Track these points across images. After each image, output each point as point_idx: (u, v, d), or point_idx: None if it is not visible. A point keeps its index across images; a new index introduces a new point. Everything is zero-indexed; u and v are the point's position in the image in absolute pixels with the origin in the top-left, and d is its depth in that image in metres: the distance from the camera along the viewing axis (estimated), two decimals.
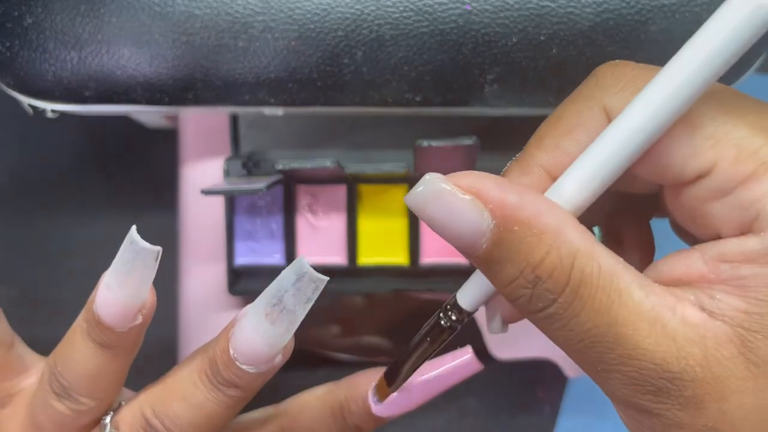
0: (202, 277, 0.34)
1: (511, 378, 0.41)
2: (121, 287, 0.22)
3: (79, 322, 0.23)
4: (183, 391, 0.23)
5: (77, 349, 0.23)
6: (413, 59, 0.27)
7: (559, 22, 0.26)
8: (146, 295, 0.23)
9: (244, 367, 0.22)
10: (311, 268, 0.21)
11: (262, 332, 0.22)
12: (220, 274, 0.33)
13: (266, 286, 0.33)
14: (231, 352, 0.22)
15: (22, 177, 0.40)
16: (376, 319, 0.41)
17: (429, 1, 0.26)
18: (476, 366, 0.25)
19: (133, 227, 0.21)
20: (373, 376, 0.25)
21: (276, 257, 0.32)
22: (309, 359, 0.41)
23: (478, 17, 0.26)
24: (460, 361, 0.25)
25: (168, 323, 0.38)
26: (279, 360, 0.23)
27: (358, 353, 0.41)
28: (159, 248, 0.22)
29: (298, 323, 0.22)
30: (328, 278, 0.21)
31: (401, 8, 0.26)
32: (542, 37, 0.27)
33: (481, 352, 0.26)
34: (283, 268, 0.32)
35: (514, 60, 0.27)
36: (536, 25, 0.26)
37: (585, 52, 0.27)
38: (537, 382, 0.40)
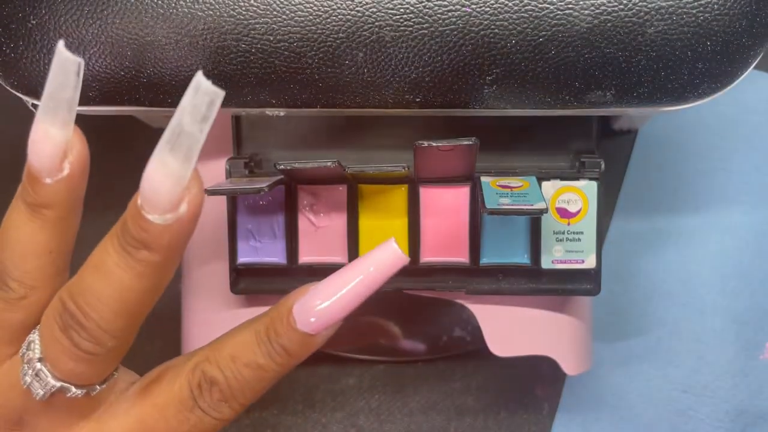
0: (205, 277, 0.35)
1: (510, 376, 0.41)
2: (47, 116, 0.21)
3: (18, 190, 0.22)
4: (95, 261, 0.22)
5: (10, 220, 0.22)
6: (413, 61, 0.27)
7: (558, 24, 0.27)
8: (71, 131, 0.22)
9: (149, 217, 0.20)
10: (207, 81, 0.19)
11: (161, 164, 0.20)
12: (222, 273, 0.34)
13: (268, 286, 0.33)
14: (138, 201, 0.21)
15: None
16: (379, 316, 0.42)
17: (429, 3, 0.27)
18: (400, 256, 0.23)
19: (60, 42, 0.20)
20: (298, 293, 0.24)
21: (278, 256, 0.32)
22: (310, 356, 0.41)
23: (477, 19, 0.27)
24: (382, 253, 0.23)
25: (170, 323, 0.38)
26: (184, 210, 0.21)
27: (361, 351, 0.41)
28: (80, 60, 0.21)
29: (198, 149, 0.20)
30: (223, 92, 0.20)
31: (402, 10, 0.27)
32: (541, 39, 0.27)
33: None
34: (285, 267, 0.33)
35: (513, 61, 0.27)
36: (535, 27, 0.27)
37: (583, 53, 0.27)
38: (536, 381, 0.41)
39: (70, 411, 0.23)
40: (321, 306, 0.23)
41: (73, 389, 0.23)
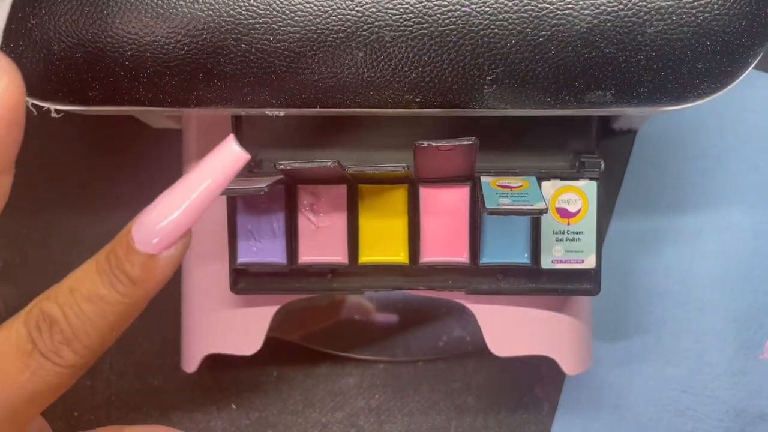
0: (205, 277, 0.35)
1: (510, 376, 0.41)
2: None
3: None
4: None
5: None
6: (413, 61, 0.27)
7: (558, 23, 0.27)
8: None
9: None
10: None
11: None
12: (222, 273, 0.34)
13: (268, 286, 0.33)
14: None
15: (24, 177, 0.40)
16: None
17: (429, 3, 0.27)
18: (239, 156, 0.21)
19: None
20: (138, 216, 0.22)
21: (277, 256, 0.32)
22: (310, 356, 0.41)
23: (477, 19, 0.27)
24: (220, 159, 0.21)
25: (171, 322, 0.38)
26: None
27: (353, 346, 0.41)
28: None
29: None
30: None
31: (401, 10, 0.27)
32: (540, 39, 0.27)
33: None
34: (285, 267, 0.33)
35: (513, 61, 0.27)
36: (535, 26, 0.27)
37: (583, 53, 0.27)
38: (535, 381, 0.41)
39: None
40: (161, 224, 0.20)
41: None
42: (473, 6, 0.27)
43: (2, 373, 0.20)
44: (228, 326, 0.36)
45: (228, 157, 0.21)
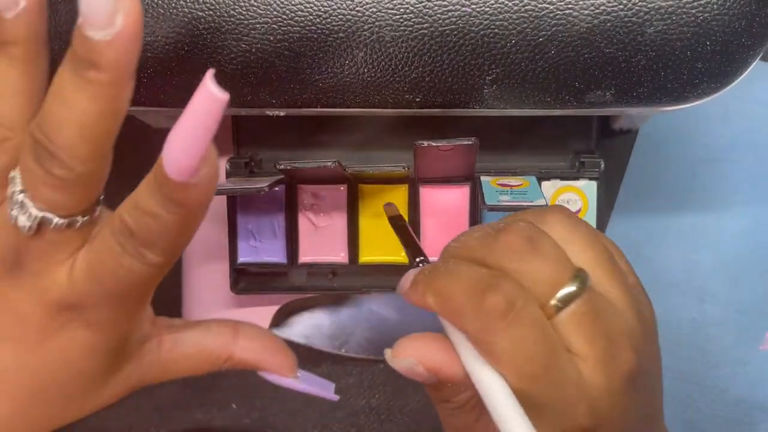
0: (205, 276, 0.35)
1: None
2: None
3: None
4: (54, 89, 0.23)
5: None
6: (413, 61, 0.27)
7: (557, 24, 0.27)
8: None
9: (89, 34, 0.21)
10: None
11: None
12: (222, 272, 0.34)
13: (269, 285, 0.33)
14: (78, 21, 0.21)
15: None
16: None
17: (429, 3, 0.27)
18: (215, 93, 0.20)
19: None
20: None
21: (278, 256, 0.32)
22: (310, 355, 0.41)
23: (477, 19, 0.27)
24: (200, 92, 0.21)
25: None
26: (120, 23, 0.21)
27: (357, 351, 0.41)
28: None
29: None
30: None
31: (402, 10, 0.27)
32: (540, 39, 0.27)
33: None
34: (285, 266, 0.33)
35: (513, 61, 0.27)
36: (535, 26, 0.27)
37: (583, 53, 0.27)
38: None
39: (57, 246, 0.24)
40: (178, 158, 0.22)
41: (56, 219, 0.23)
42: (473, 6, 0.27)
43: (104, 269, 0.24)
44: None
45: (206, 96, 0.21)
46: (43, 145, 0.22)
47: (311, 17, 0.27)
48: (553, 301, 0.23)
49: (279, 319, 0.36)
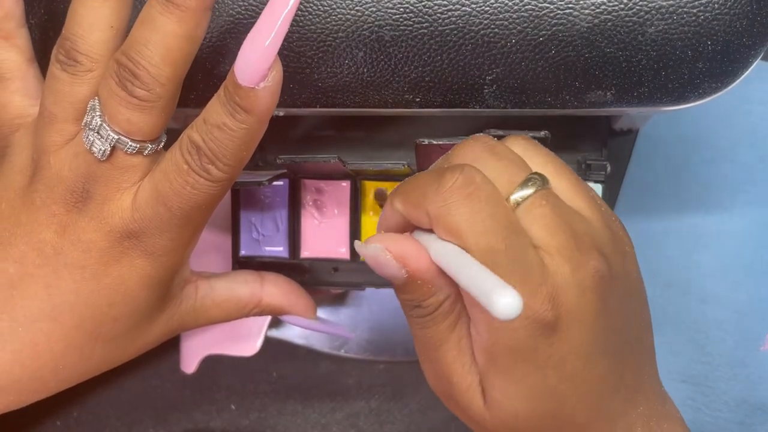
0: (208, 269, 0.35)
1: None
2: None
3: None
4: (142, 17, 0.25)
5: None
6: (413, 60, 0.27)
7: (558, 23, 0.27)
8: None
9: None
10: None
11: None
12: (225, 265, 0.34)
13: None
14: None
15: None
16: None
17: (429, 2, 0.27)
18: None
19: None
20: None
21: (279, 250, 0.33)
22: (310, 356, 0.41)
23: (477, 18, 0.27)
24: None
25: None
26: None
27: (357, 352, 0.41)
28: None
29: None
30: None
31: (401, 10, 0.27)
32: (541, 39, 0.27)
33: None
34: (287, 260, 0.33)
35: (513, 61, 0.27)
36: (535, 26, 0.27)
37: (583, 53, 0.27)
38: None
39: (125, 172, 0.26)
40: (254, 58, 0.24)
41: (129, 143, 0.25)
42: (473, 6, 0.27)
43: (172, 189, 0.25)
44: (227, 327, 0.36)
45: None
46: (128, 68, 0.24)
47: (311, 17, 0.27)
48: (513, 197, 0.24)
49: (279, 319, 0.36)
